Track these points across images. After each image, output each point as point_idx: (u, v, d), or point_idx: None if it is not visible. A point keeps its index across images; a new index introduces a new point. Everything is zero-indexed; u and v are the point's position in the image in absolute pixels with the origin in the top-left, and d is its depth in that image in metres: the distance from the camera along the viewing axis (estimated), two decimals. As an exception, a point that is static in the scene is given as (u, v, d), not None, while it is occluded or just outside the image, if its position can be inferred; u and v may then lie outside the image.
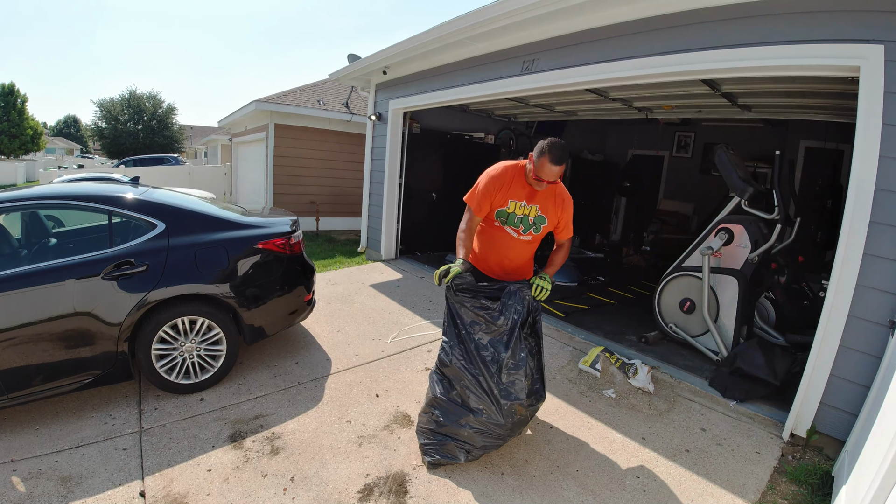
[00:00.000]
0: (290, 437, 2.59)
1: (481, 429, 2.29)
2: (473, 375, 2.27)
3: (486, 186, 2.46)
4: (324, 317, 4.33)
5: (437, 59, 5.48)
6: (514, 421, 2.28)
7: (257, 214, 3.64)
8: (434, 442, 2.40)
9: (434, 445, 2.40)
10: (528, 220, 2.51)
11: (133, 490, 2.15)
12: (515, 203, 2.47)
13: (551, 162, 2.27)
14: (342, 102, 10.05)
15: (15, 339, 2.46)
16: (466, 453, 2.34)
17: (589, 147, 9.46)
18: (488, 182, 2.46)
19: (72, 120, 45.97)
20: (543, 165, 2.29)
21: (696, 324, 3.89)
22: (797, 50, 2.66)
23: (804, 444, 2.65)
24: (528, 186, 2.46)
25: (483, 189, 2.46)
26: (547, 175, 2.31)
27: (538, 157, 2.30)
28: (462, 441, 2.33)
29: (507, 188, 2.46)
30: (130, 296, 2.71)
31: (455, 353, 2.33)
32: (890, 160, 2.37)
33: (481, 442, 2.31)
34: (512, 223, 2.50)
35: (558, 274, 6.08)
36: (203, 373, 3.01)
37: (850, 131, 2.63)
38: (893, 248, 2.38)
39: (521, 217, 2.49)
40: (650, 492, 2.29)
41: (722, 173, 3.85)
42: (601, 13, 3.58)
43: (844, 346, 2.52)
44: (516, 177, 2.47)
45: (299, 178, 9.51)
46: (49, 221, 3.45)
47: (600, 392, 3.19)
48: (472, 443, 2.32)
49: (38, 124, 26.81)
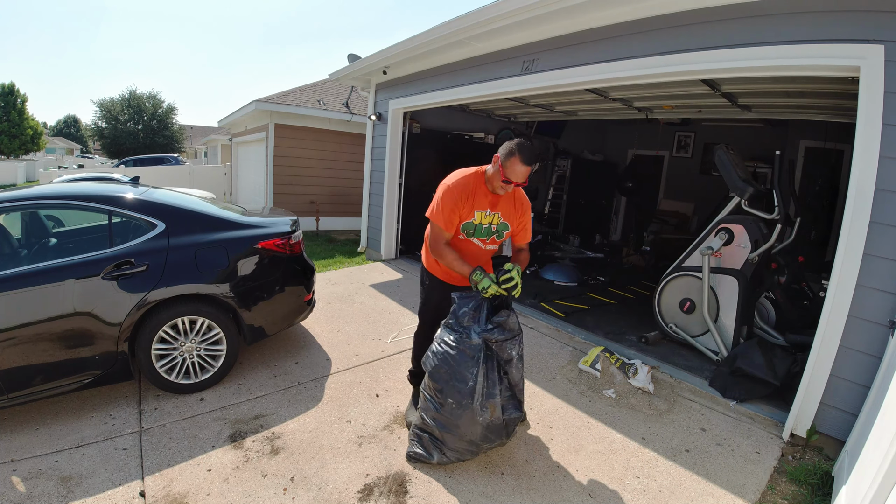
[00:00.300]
0: (290, 437, 2.59)
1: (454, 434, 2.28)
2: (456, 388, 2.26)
3: (453, 201, 2.33)
4: (324, 317, 4.33)
5: (438, 59, 5.48)
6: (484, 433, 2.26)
7: (257, 214, 3.64)
8: (415, 436, 2.43)
9: (416, 438, 2.42)
10: (491, 229, 2.46)
11: (133, 490, 2.15)
12: (481, 213, 2.40)
13: (522, 162, 2.20)
14: (342, 102, 10.05)
15: (15, 339, 2.47)
16: (441, 454, 2.33)
17: (589, 147, 9.47)
18: (454, 196, 2.33)
19: (72, 120, 46.00)
20: (514, 166, 2.21)
21: (696, 324, 3.89)
22: (797, 50, 2.66)
23: (804, 444, 2.65)
24: (490, 194, 2.38)
25: (451, 204, 2.33)
26: (517, 177, 2.23)
27: (507, 159, 2.22)
28: (437, 440, 2.33)
29: (472, 199, 2.36)
30: (130, 296, 2.71)
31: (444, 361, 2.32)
32: (890, 160, 2.36)
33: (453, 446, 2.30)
34: (479, 234, 2.45)
35: (559, 274, 6.11)
36: (203, 373, 3.01)
37: (850, 131, 2.63)
38: (893, 248, 2.38)
39: (486, 226, 2.43)
40: (650, 492, 2.29)
41: (722, 173, 3.85)
42: (601, 13, 3.58)
43: (844, 346, 2.52)
44: (479, 185, 2.37)
45: (299, 178, 9.51)
46: (49, 221, 3.45)
47: (600, 392, 3.19)
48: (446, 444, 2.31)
49: (38, 124, 26.82)
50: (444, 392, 2.27)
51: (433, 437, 2.34)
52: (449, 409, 2.25)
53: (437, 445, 2.34)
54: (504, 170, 2.25)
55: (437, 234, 2.39)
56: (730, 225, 3.81)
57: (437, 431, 2.31)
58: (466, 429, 2.25)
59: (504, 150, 2.26)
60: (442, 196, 2.35)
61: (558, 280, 6.00)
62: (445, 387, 2.26)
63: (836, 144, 5.71)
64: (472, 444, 2.30)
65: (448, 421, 2.27)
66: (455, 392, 2.24)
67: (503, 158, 2.25)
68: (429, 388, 2.36)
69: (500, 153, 2.27)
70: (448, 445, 2.31)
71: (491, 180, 2.35)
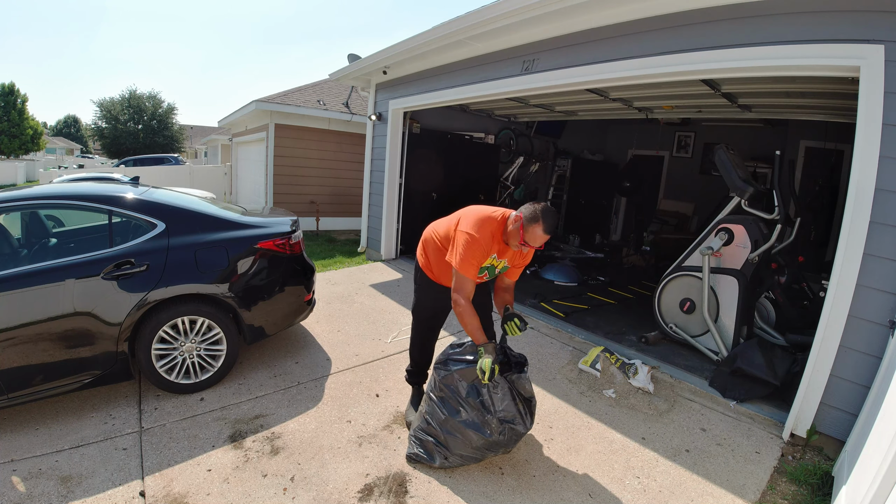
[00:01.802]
0: (290, 437, 2.59)
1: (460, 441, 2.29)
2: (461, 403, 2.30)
3: (481, 253, 2.30)
4: (324, 317, 4.33)
5: (438, 58, 5.48)
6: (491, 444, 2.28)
7: (257, 214, 3.64)
8: (417, 439, 2.43)
9: (417, 441, 2.42)
10: (494, 271, 2.48)
11: (133, 490, 2.15)
12: (492, 259, 2.40)
13: (544, 231, 2.20)
14: (342, 102, 10.05)
15: (15, 339, 2.47)
16: (443, 459, 2.34)
17: (589, 147, 9.47)
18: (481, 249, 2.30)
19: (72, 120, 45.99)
20: (535, 232, 2.20)
21: (696, 324, 3.89)
22: (797, 50, 2.66)
23: (804, 445, 2.65)
24: (503, 243, 2.37)
25: (479, 256, 2.30)
26: (536, 242, 2.24)
27: (530, 224, 2.21)
28: (441, 444, 2.34)
29: (489, 251, 2.35)
30: (130, 296, 2.71)
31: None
32: (890, 160, 2.36)
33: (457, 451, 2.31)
34: (479, 273, 2.44)
35: (559, 274, 6.12)
36: (203, 372, 3.01)
37: (850, 131, 2.63)
38: (893, 248, 2.38)
39: (488, 267, 2.43)
40: (650, 492, 2.29)
41: (722, 173, 3.85)
42: (601, 13, 3.58)
43: (844, 346, 2.52)
44: (496, 235, 2.35)
45: (299, 178, 9.51)
46: (49, 221, 3.45)
47: (600, 392, 3.19)
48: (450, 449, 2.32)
49: (38, 124, 26.83)
50: (454, 402, 2.29)
51: (437, 442, 2.34)
52: (457, 418, 2.27)
53: (440, 450, 2.34)
54: (524, 234, 2.23)
55: (463, 286, 2.30)
56: (730, 225, 3.81)
57: (443, 436, 2.32)
58: (474, 439, 2.26)
59: (528, 213, 2.23)
60: (467, 247, 2.26)
61: (558, 280, 6.00)
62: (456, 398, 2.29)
63: (836, 144, 5.71)
64: (477, 450, 2.30)
65: (455, 428, 2.28)
66: (467, 405, 2.27)
67: (527, 222, 2.22)
68: (437, 391, 2.37)
69: (524, 215, 2.24)
70: (452, 451, 2.31)
71: (509, 236, 2.32)
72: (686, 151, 8.47)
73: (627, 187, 8.53)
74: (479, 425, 2.25)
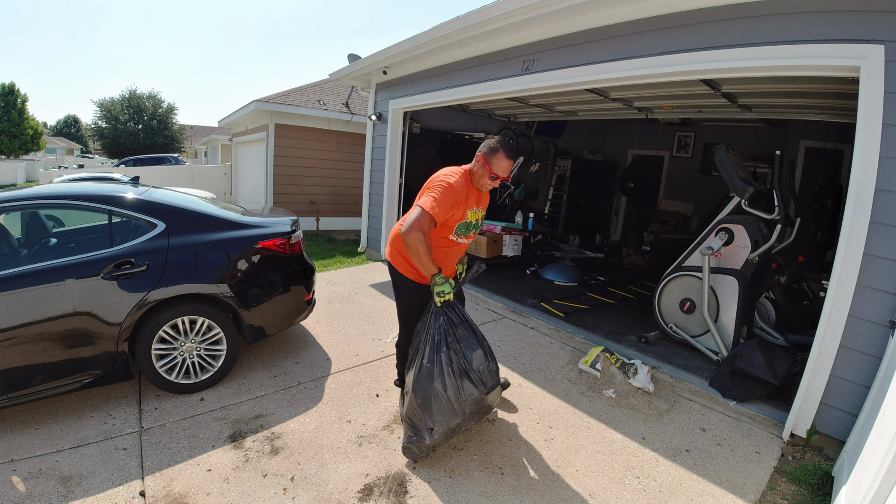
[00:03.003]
0: (290, 437, 2.59)
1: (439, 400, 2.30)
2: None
3: (454, 199, 2.32)
4: (324, 317, 4.33)
5: (438, 59, 5.48)
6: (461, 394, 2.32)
7: (257, 214, 3.64)
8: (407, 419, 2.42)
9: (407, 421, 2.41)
10: (476, 224, 2.54)
11: (133, 490, 2.15)
12: (471, 212, 2.47)
13: (507, 157, 2.34)
14: (342, 102, 10.05)
15: (15, 339, 2.47)
16: (430, 433, 2.30)
17: (589, 147, 9.48)
18: (456, 196, 2.33)
19: (72, 120, 46.04)
20: (500, 162, 2.33)
21: (696, 324, 3.89)
22: (797, 50, 2.66)
23: (804, 445, 2.65)
24: (476, 192, 2.48)
25: (452, 202, 2.31)
26: (503, 171, 2.36)
27: (491, 155, 2.34)
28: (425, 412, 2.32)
29: (466, 200, 2.40)
30: (130, 295, 2.71)
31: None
32: (890, 160, 2.36)
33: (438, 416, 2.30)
34: (466, 232, 2.50)
35: (559, 274, 6.11)
36: (203, 372, 3.01)
37: (850, 131, 2.63)
38: (893, 248, 2.38)
39: (472, 223, 2.50)
40: (650, 492, 2.29)
41: (722, 173, 3.84)
42: (601, 13, 3.58)
43: (844, 346, 2.52)
44: (468, 184, 2.43)
45: (299, 177, 9.51)
46: (49, 221, 3.45)
47: (600, 392, 3.19)
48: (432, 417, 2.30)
49: (38, 124, 26.84)
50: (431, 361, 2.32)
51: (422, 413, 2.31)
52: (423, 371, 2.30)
53: (425, 423, 2.30)
54: (490, 166, 2.36)
55: (422, 223, 2.24)
56: (730, 225, 3.80)
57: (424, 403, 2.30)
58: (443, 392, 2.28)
59: (486, 148, 2.37)
60: (444, 192, 2.30)
61: (558, 280, 6.00)
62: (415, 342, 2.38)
63: (836, 144, 5.71)
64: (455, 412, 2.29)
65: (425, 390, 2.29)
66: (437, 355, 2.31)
67: (488, 155, 2.36)
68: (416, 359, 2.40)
69: (483, 151, 2.38)
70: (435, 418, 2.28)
71: (478, 179, 2.42)
72: (686, 151, 8.47)
73: (631, 187, 8.53)
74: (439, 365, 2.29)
